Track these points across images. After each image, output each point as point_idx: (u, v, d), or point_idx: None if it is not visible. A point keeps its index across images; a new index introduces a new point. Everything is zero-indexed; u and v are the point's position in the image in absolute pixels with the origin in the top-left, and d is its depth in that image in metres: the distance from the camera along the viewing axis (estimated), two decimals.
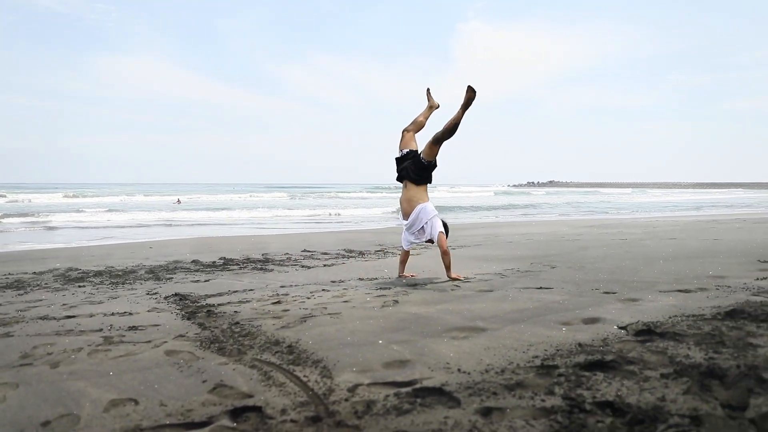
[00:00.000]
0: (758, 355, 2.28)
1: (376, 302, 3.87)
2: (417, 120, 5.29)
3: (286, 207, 26.90)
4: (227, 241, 10.18)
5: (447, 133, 4.88)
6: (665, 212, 21.86)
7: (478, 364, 2.33)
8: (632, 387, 1.99)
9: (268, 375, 2.30)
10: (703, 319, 3.01)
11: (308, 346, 2.76)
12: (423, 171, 4.98)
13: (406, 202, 5.06)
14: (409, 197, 5.02)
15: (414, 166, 4.98)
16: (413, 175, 4.98)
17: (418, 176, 4.98)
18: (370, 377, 2.23)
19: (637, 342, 2.60)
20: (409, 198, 5.02)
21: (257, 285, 4.98)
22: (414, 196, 5.00)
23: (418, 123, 5.28)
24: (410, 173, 4.99)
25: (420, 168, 4.97)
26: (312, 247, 8.40)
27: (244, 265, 6.43)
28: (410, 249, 5.29)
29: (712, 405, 1.79)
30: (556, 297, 3.85)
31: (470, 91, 4.78)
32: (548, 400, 1.90)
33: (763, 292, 3.73)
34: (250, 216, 19.56)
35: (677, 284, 4.24)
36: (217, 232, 13.15)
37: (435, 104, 5.35)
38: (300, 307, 3.82)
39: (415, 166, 4.98)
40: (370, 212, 22.10)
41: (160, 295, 4.47)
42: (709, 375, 2.08)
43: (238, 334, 3.04)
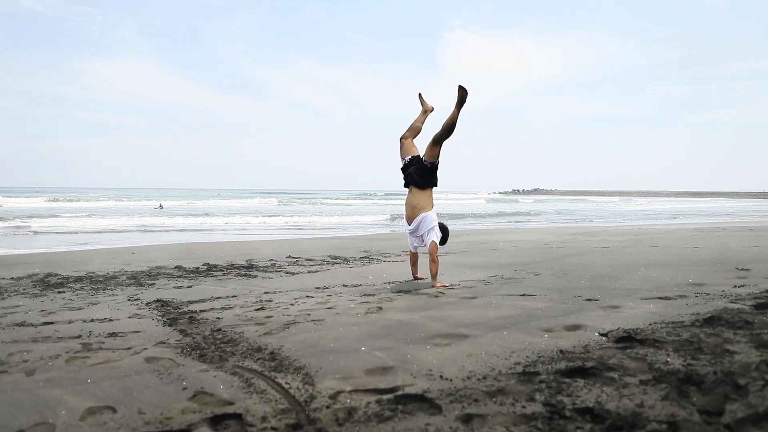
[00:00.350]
0: (734, 361, 2.32)
1: (360, 309, 3.86)
2: (413, 126, 5.36)
3: (272, 213, 26.77)
4: (211, 246, 10.09)
5: (446, 133, 4.98)
6: (648, 220, 22.16)
7: (461, 371, 2.34)
8: (612, 393, 2.01)
9: (250, 382, 2.29)
10: (682, 326, 3.05)
11: (291, 352, 2.74)
12: (427, 173, 5.07)
13: (410, 208, 5.16)
14: (414, 203, 5.12)
15: (418, 170, 5.07)
16: (418, 179, 5.07)
17: (423, 179, 5.07)
18: (352, 384, 2.22)
19: (617, 349, 2.62)
20: (413, 204, 5.12)
21: (241, 291, 4.94)
22: (418, 203, 5.10)
23: (414, 129, 5.35)
24: (415, 177, 5.08)
25: (423, 170, 5.06)
26: (297, 254, 8.37)
27: (228, 271, 6.38)
28: (417, 251, 5.42)
29: (689, 411, 1.82)
30: (539, 304, 3.88)
31: (462, 90, 4.92)
32: (529, 407, 1.91)
33: (740, 299, 3.80)
34: (234, 222, 19.42)
35: (658, 291, 4.30)
36: (200, 237, 13.04)
37: (429, 108, 5.43)
38: (283, 313, 3.80)
39: (418, 170, 5.06)
40: (357, 219, 22.08)
41: (142, 301, 4.42)
42: (687, 381, 2.11)
43: (220, 341, 3.01)
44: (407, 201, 5.20)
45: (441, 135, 4.99)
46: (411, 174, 5.10)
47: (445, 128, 4.96)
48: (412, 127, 5.35)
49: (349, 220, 20.94)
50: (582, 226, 18.11)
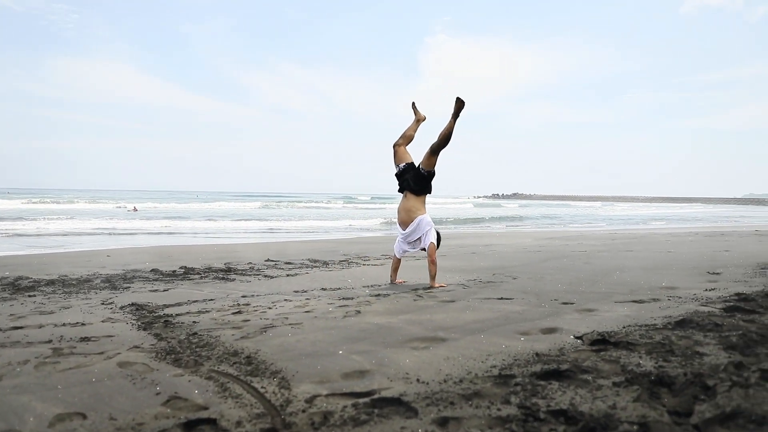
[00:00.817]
0: (704, 363, 2.37)
1: (339, 312, 3.85)
2: (406, 134, 5.50)
3: (252, 216, 26.56)
4: (189, 249, 9.96)
5: (443, 143, 5.15)
6: (625, 225, 22.54)
7: (437, 374, 2.35)
8: (585, 395, 2.04)
9: (225, 386, 2.26)
10: (654, 328, 3.11)
11: (267, 356, 2.72)
12: (423, 181, 5.24)
13: (404, 212, 5.29)
14: (408, 207, 5.26)
15: (414, 177, 5.23)
16: (414, 186, 5.23)
17: (419, 186, 5.24)
18: (329, 388, 2.21)
19: (592, 351, 2.66)
20: (408, 208, 5.26)
21: (218, 295, 4.89)
22: (413, 207, 5.24)
23: (407, 137, 5.50)
24: (411, 184, 5.23)
25: (420, 178, 5.23)
26: (276, 257, 8.31)
27: (206, 275, 6.30)
28: (402, 257, 5.54)
29: (660, 412, 1.85)
30: (516, 307, 3.92)
31: (459, 102, 5.11)
32: (504, 409, 1.92)
33: (710, 302, 3.89)
34: (213, 225, 19.21)
35: (632, 295, 4.38)
36: (178, 240, 12.87)
37: (422, 117, 5.59)
38: (261, 317, 3.77)
39: (415, 177, 5.22)
40: (337, 223, 22.04)
41: (116, 305, 4.34)
42: (658, 383, 2.15)
43: (196, 345, 2.97)
44: (401, 206, 5.33)
45: (438, 144, 5.15)
46: (407, 180, 5.25)
47: (442, 138, 5.14)
48: (404, 135, 5.49)
49: (330, 225, 20.86)
50: (560, 230, 18.34)
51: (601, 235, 14.08)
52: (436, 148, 5.17)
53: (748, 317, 3.29)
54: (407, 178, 5.25)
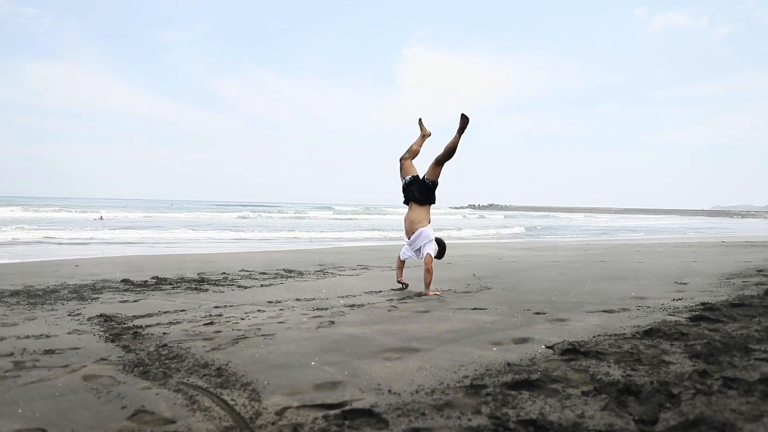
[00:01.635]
0: (670, 371, 2.42)
1: (312, 323, 3.82)
2: (411, 149, 5.81)
3: (227, 225, 26.23)
4: (161, 259, 9.79)
5: (448, 155, 5.44)
6: (599, 236, 22.97)
7: (409, 385, 2.35)
8: (555, 405, 2.06)
9: (194, 399, 2.22)
10: (623, 338, 3.17)
11: (238, 368, 2.68)
12: (427, 191, 5.54)
13: (408, 222, 5.62)
14: (412, 218, 5.57)
15: (419, 187, 5.52)
16: (419, 196, 5.52)
17: (423, 196, 5.53)
18: (300, 400, 2.19)
19: (562, 361, 2.69)
20: (412, 219, 5.58)
21: (190, 305, 4.81)
22: (416, 218, 5.55)
23: (413, 151, 5.80)
24: (416, 194, 5.52)
25: (425, 188, 5.53)
26: (251, 267, 8.22)
27: (178, 285, 6.20)
28: (405, 258, 5.82)
29: (626, 420, 1.88)
30: (490, 317, 3.95)
31: (464, 119, 5.40)
32: (474, 419, 1.93)
33: (677, 312, 3.98)
34: (187, 234, 18.91)
35: (602, 305, 4.45)
36: (150, 250, 12.63)
37: (427, 133, 5.90)
38: (233, 328, 3.72)
39: (420, 188, 5.52)
40: (314, 234, 21.93)
41: (83, 316, 4.23)
42: (625, 391, 2.19)
43: (165, 357, 2.92)
44: (407, 216, 5.65)
45: (443, 157, 5.43)
46: (412, 191, 5.54)
47: (447, 151, 5.41)
48: (410, 150, 5.79)
49: (318, 235, 20.74)
50: (533, 241, 18.58)
51: (575, 246, 14.31)
52: (441, 160, 5.44)
53: (712, 326, 3.38)
54: (412, 189, 5.54)
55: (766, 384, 2.18)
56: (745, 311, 3.86)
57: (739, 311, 3.87)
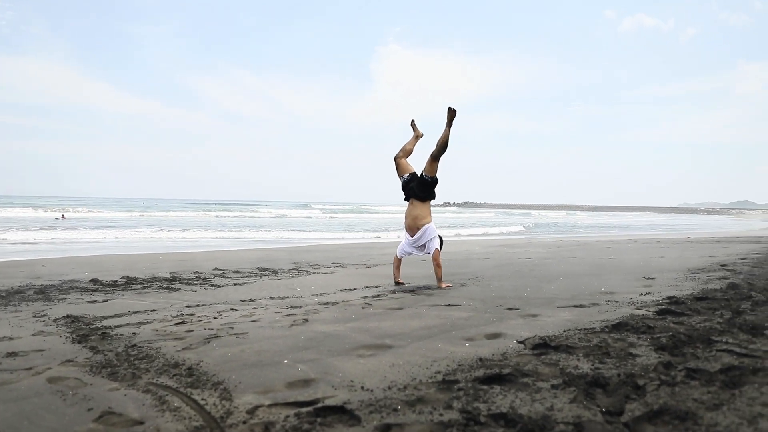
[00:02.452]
0: (636, 363, 2.48)
1: (286, 321, 3.80)
2: (405, 148, 5.96)
3: (200, 224, 25.87)
4: (132, 259, 9.60)
5: (442, 149, 5.57)
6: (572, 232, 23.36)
7: (382, 381, 2.35)
8: (525, 398, 2.09)
9: (163, 399, 2.18)
10: (593, 332, 3.23)
11: (210, 367, 2.65)
12: (427, 187, 5.65)
13: (411, 219, 5.71)
14: (416, 215, 5.68)
15: (419, 184, 5.63)
16: (420, 193, 5.65)
17: (424, 192, 5.65)
18: (272, 398, 2.18)
19: (533, 355, 2.73)
20: (415, 215, 5.68)
21: (161, 305, 4.73)
22: (420, 214, 5.67)
23: (406, 150, 5.95)
24: (416, 191, 5.64)
25: (425, 184, 5.64)
26: (224, 266, 8.12)
27: (149, 284, 6.09)
28: (402, 257, 5.93)
29: (593, 412, 1.92)
30: (463, 314, 3.98)
31: (451, 111, 5.57)
32: (446, 414, 1.95)
33: (645, 306, 4.07)
34: (159, 233, 18.58)
35: (573, 300, 4.53)
36: (121, 249, 12.37)
37: (420, 134, 6.06)
38: (205, 327, 3.67)
39: (420, 184, 5.63)
40: (289, 232, 21.79)
41: (49, 318, 4.12)
42: (593, 384, 2.23)
43: (135, 357, 2.86)
44: (408, 212, 5.74)
45: (438, 151, 5.56)
46: (413, 188, 5.66)
47: (440, 145, 5.55)
48: (404, 149, 5.93)
49: (293, 234, 20.56)
50: (507, 239, 18.82)
51: (548, 243, 14.53)
52: (436, 155, 5.56)
53: (677, 319, 3.47)
54: (412, 186, 5.66)
55: (726, 374, 2.26)
56: (709, 304, 3.97)
57: (703, 304, 3.98)
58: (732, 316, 3.51)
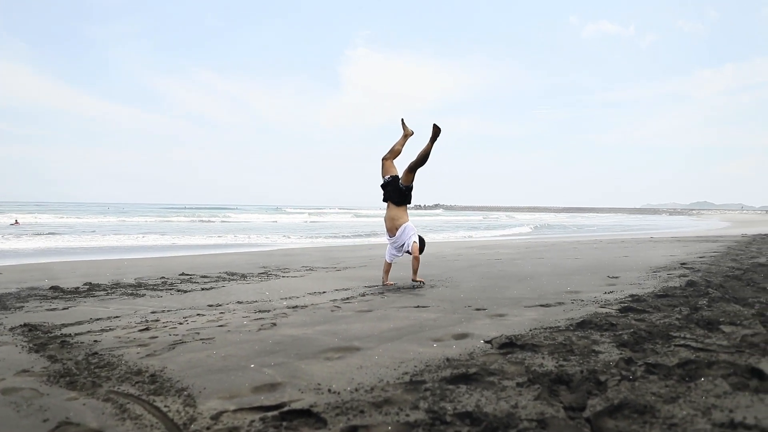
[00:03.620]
0: (599, 360, 2.54)
1: (253, 325, 3.75)
2: (394, 148, 6.16)
3: (166, 229, 25.36)
4: (95, 265, 9.33)
5: (420, 163, 5.81)
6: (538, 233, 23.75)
7: (349, 384, 2.34)
8: (490, 397, 2.12)
9: (124, 408, 2.13)
10: (558, 330, 3.29)
11: (174, 374, 2.59)
12: (401, 194, 5.95)
13: (389, 221, 6.01)
14: (392, 216, 5.98)
15: (394, 190, 5.95)
16: (395, 198, 5.95)
17: (399, 198, 5.95)
18: (237, 403, 2.15)
19: (499, 354, 2.77)
20: (392, 217, 5.98)
21: (125, 312, 4.61)
22: (396, 216, 5.97)
23: (395, 151, 6.16)
24: (393, 196, 5.95)
25: (399, 192, 5.94)
26: (191, 270, 7.98)
27: (112, 291, 5.93)
28: (392, 261, 6.16)
29: (556, 408, 1.96)
30: (432, 315, 4.00)
31: (435, 128, 5.81)
32: (412, 415, 1.95)
33: (608, 304, 4.17)
34: (124, 239, 18.13)
35: (540, 300, 4.61)
36: (84, 255, 12.02)
37: (410, 132, 6.23)
38: (170, 333, 3.59)
39: (395, 191, 5.95)
40: (258, 237, 21.55)
41: (5, 327, 3.97)
42: (557, 381, 2.27)
43: (95, 366, 2.78)
44: (387, 215, 6.04)
45: (416, 164, 5.80)
46: (389, 192, 5.96)
47: (420, 158, 5.77)
48: (393, 150, 6.15)
49: (262, 239, 20.30)
50: (476, 240, 19.02)
51: (517, 244, 14.75)
52: (413, 167, 5.83)
53: (639, 316, 3.57)
54: (389, 190, 5.96)
55: (683, 368, 2.33)
56: (669, 301, 4.10)
57: (663, 302, 4.10)
58: (690, 312, 3.63)
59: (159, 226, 27.52)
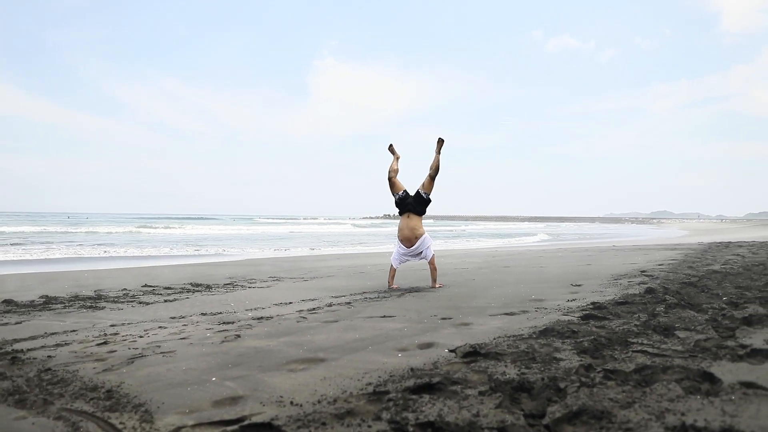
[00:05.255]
0: (560, 367, 2.58)
1: (217, 338, 3.68)
2: (393, 167, 6.81)
3: (131, 239, 24.72)
4: (52, 277, 9.01)
5: (437, 172, 6.60)
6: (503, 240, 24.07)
7: (312, 396, 2.32)
8: (453, 406, 2.13)
9: (77, 426, 2.05)
10: (521, 338, 3.33)
11: (131, 389, 2.52)
12: (424, 204, 6.59)
13: (408, 230, 6.50)
14: (413, 226, 6.50)
15: (417, 201, 6.54)
16: (418, 208, 6.54)
17: (421, 207, 6.57)
18: (197, 418, 2.10)
19: (463, 363, 2.79)
20: (412, 227, 6.50)
21: (83, 325, 4.46)
22: (416, 226, 6.52)
23: (395, 170, 6.82)
24: (415, 207, 6.53)
25: (422, 201, 6.56)
26: (154, 282, 7.78)
27: (70, 304, 5.73)
28: (398, 267, 6.72)
29: (517, 416, 1.98)
30: (398, 324, 4.00)
31: (440, 141, 6.64)
32: (375, 426, 1.95)
33: (570, 312, 4.26)
34: (85, 249, 17.57)
35: (505, 308, 4.67)
36: (39, 267, 11.59)
37: (398, 155, 6.93)
38: (129, 346, 3.49)
39: (418, 202, 6.54)
40: (223, 249, 21.19)
41: None
42: (519, 389, 2.30)
43: (48, 382, 2.68)
44: (405, 224, 6.55)
45: (435, 173, 6.59)
46: (410, 204, 6.54)
47: (435, 168, 6.58)
48: (394, 170, 6.79)
49: (229, 250, 19.93)
50: (444, 248, 19.16)
51: (483, 253, 14.92)
52: (433, 175, 6.59)
53: (599, 323, 3.65)
54: (409, 202, 6.53)
55: (640, 373, 2.39)
56: (628, 308, 4.21)
57: (623, 308, 4.21)
58: (648, 318, 3.73)
59: (121, 237, 26.80)
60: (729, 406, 1.97)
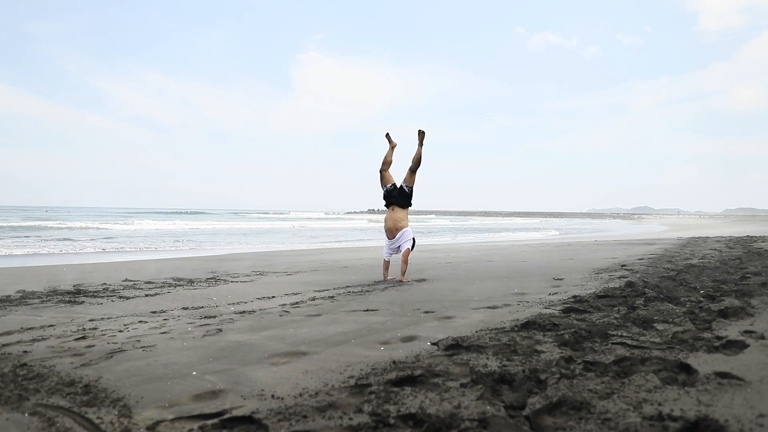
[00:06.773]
0: (540, 359, 2.60)
1: (198, 332, 3.65)
2: (386, 160, 6.84)
3: (112, 232, 24.38)
4: (30, 271, 8.85)
5: (417, 164, 6.65)
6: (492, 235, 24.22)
7: (294, 389, 2.31)
8: (434, 398, 2.13)
9: (53, 421, 2.02)
10: (503, 331, 3.36)
11: (110, 384, 2.48)
12: (407, 197, 6.71)
13: (392, 222, 6.66)
14: (396, 218, 6.66)
15: (400, 194, 6.66)
16: (401, 201, 6.66)
17: (405, 201, 6.69)
18: (176, 412, 2.08)
19: (445, 356, 2.80)
20: (395, 219, 6.65)
21: (61, 320, 4.38)
22: (399, 219, 6.66)
23: (388, 162, 6.85)
24: (398, 199, 6.65)
25: (404, 194, 6.69)
26: (136, 276, 7.69)
27: (48, 299, 5.63)
28: (389, 259, 6.81)
29: (497, 407, 1.99)
30: (381, 318, 4.01)
31: (421, 133, 6.72)
32: (356, 418, 1.94)
33: (552, 305, 4.30)
34: (63, 243, 17.27)
35: (487, 302, 4.69)
36: (15, 261, 11.37)
37: (395, 144, 6.93)
38: (108, 341, 3.44)
39: (401, 195, 6.67)
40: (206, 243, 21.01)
41: None
42: (500, 381, 2.31)
43: (23, 378, 2.63)
44: (390, 216, 6.68)
45: (415, 166, 6.64)
46: (395, 197, 6.65)
47: (416, 161, 6.64)
48: (385, 161, 6.82)
49: (213, 244, 19.75)
50: (428, 243, 19.22)
51: (467, 247, 15.00)
52: (414, 169, 6.64)
53: (580, 316, 3.69)
54: (394, 195, 6.64)
55: (618, 365, 2.42)
56: (608, 301, 4.26)
57: (603, 302, 4.26)
58: (627, 311, 3.78)
59: (102, 231, 26.39)
60: (704, 395, 2.01)
